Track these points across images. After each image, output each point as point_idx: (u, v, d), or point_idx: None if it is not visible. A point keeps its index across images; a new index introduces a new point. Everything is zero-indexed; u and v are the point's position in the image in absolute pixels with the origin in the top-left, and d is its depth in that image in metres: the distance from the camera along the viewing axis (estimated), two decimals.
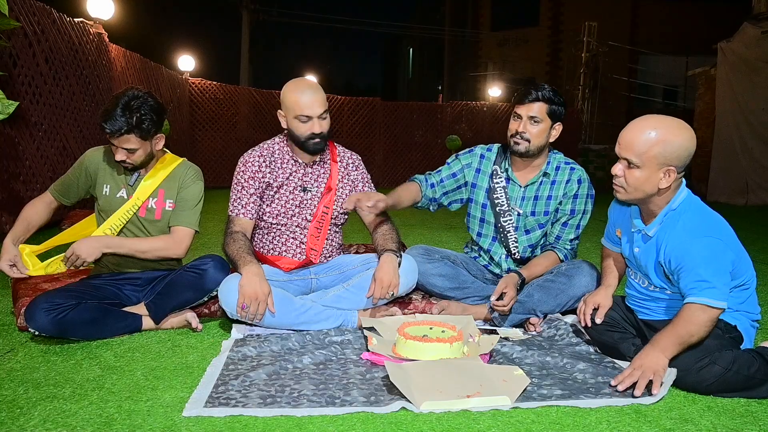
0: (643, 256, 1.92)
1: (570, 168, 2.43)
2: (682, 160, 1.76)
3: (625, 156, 1.79)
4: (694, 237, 1.75)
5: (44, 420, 1.50)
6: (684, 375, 1.73)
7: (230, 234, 2.29)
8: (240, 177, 2.36)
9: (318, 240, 2.39)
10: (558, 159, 2.45)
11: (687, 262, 1.73)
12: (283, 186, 2.36)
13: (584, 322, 2.06)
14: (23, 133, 4.37)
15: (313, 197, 2.39)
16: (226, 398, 1.63)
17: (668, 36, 16.23)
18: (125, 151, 2.14)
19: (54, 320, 2.01)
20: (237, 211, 2.34)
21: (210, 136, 9.99)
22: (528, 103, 2.30)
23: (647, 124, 1.77)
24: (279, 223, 2.37)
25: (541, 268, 2.39)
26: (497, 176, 2.44)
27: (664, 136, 1.74)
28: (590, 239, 4.93)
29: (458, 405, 1.58)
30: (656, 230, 1.85)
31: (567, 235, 2.44)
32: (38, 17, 4.58)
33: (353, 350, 2.05)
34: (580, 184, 2.41)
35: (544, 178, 2.42)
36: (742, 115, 9.00)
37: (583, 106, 13.74)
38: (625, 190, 1.83)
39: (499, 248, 2.52)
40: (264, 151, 2.39)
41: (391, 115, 11.66)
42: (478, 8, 19.00)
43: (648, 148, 1.74)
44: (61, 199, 2.34)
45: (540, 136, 2.31)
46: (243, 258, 2.18)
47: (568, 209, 2.41)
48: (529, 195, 2.42)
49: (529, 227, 2.45)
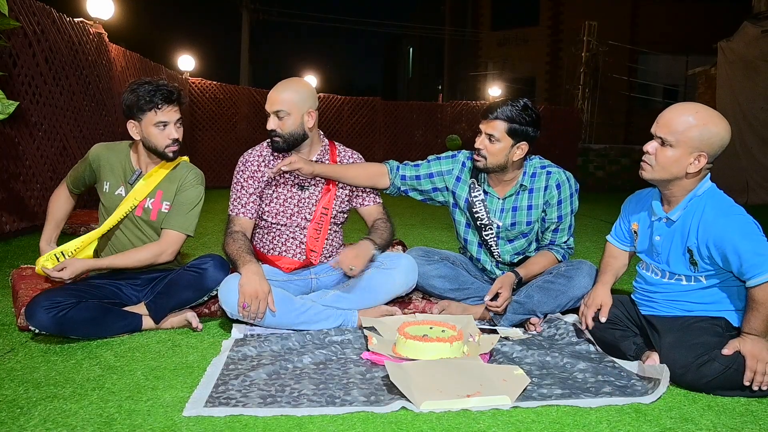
0: (664, 244, 1.92)
1: (546, 173, 2.35)
2: (715, 149, 1.79)
3: (661, 134, 1.81)
4: (728, 215, 1.78)
5: (44, 420, 1.50)
6: (684, 372, 1.73)
7: (230, 234, 2.30)
8: (239, 176, 2.37)
9: (317, 241, 2.39)
10: (533, 165, 2.37)
11: (728, 243, 1.74)
12: (280, 185, 2.36)
13: (586, 325, 2.06)
14: (23, 133, 4.36)
15: (311, 196, 2.38)
16: (226, 398, 1.63)
17: (668, 35, 16.22)
18: (175, 125, 2.20)
19: (54, 318, 2.01)
20: (237, 210, 2.35)
21: (210, 136, 9.98)
22: (488, 120, 2.24)
23: (689, 108, 1.81)
24: (279, 223, 2.37)
25: (539, 267, 2.39)
26: (475, 189, 2.40)
27: (704, 121, 1.77)
28: (590, 239, 4.94)
29: (458, 404, 1.58)
30: (680, 215, 1.87)
31: (560, 239, 2.43)
32: (38, 17, 4.57)
33: (353, 350, 2.05)
34: (560, 188, 2.34)
35: (521, 189, 2.37)
36: (742, 114, 8.99)
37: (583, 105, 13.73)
38: (652, 168, 1.85)
39: (486, 255, 2.51)
40: (264, 150, 2.39)
41: (392, 115, 11.66)
42: (478, 8, 19.00)
43: (686, 128, 1.77)
44: (74, 189, 2.41)
45: (497, 155, 2.24)
46: (242, 257, 2.18)
47: (555, 216, 2.37)
48: (508, 207, 2.38)
49: (511, 237, 2.43)
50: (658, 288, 1.97)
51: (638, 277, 2.07)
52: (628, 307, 2.09)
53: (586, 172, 12.30)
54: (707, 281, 1.86)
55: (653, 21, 16.70)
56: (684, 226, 1.86)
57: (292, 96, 2.24)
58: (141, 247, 2.26)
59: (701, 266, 1.84)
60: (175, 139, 2.22)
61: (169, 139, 2.20)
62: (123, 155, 2.30)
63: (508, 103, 2.24)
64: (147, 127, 2.18)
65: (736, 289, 1.85)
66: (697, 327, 1.84)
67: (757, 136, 8.87)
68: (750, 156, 8.94)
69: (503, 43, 18.54)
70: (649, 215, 1.99)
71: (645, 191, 2.08)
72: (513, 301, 2.31)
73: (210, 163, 9.64)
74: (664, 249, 1.92)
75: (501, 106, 2.23)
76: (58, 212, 2.41)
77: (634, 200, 2.11)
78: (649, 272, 2.01)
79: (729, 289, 1.86)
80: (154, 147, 2.21)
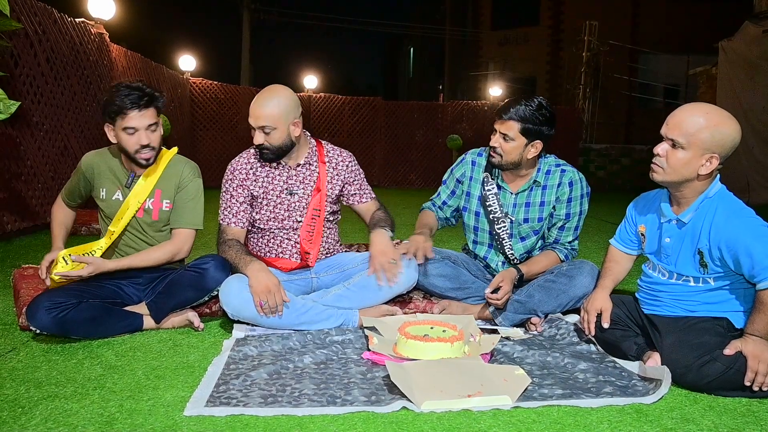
0: (674, 246, 1.91)
1: (561, 170, 2.39)
2: (727, 149, 1.77)
3: (672, 136, 1.80)
4: (741, 217, 1.77)
5: (46, 419, 1.50)
6: (685, 372, 1.73)
7: (223, 242, 2.31)
8: (228, 185, 2.37)
9: (311, 243, 2.39)
10: (548, 163, 2.41)
11: (740, 246, 1.73)
12: (269, 192, 2.35)
13: (588, 331, 2.06)
14: (25, 133, 4.37)
15: (300, 199, 2.37)
16: (227, 397, 1.63)
17: (669, 35, 16.22)
18: (147, 132, 2.14)
19: (55, 319, 2.01)
20: (228, 220, 2.35)
21: (211, 136, 10.00)
22: (502, 120, 2.27)
23: (699, 109, 1.79)
24: (271, 227, 2.37)
25: (541, 266, 2.39)
26: (488, 183, 2.42)
27: (714, 122, 1.75)
28: (591, 239, 4.94)
29: (459, 404, 1.58)
30: (691, 217, 1.86)
31: (565, 238, 2.43)
32: (40, 17, 4.58)
33: (354, 350, 2.05)
34: (572, 186, 2.37)
35: (534, 185, 2.40)
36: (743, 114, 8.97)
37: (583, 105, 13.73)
38: (664, 171, 1.83)
39: (495, 256, 2.51)
40: (251, 158, 2.38)
41: (392, 115, 11.66)
42: (478, 7, 19.00)
43: (697, 130, 1.76)
44: (70, 203, 2.39)
45: (512, 153, 2.28)
46: (243, 259, 2.19)
47: (563, 213, 2.39)
48: (521, 202, 2.40)
49: (523, 234, 2.44)
50: (664, 288, 1.97)
51: (644, 276, 2.07)
52: (630, 306, 2.09)
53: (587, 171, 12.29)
54: (715, 283, 1.86)
55: (654, 20, 16.70)
56: (695, 227, 1.85)
57: (276, 110, 2.21)
58: (156, 247, 2.28)
59: (711, 268, 1.83)
60: (146, 144, 2.16)
61: (139, 144, 2.15)
62: (114, 160, 2.30)
63: (521, 102, 2.26)
64: (118, 132, 2.15)
65: (742, 291, 1.85)
66: (698, 327, 1.84)
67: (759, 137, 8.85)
68: (751, 156, 8.93)
69: (504, 42, 18.54)
70: (658, 217, 1.97)
71: (652, 193, 2.07)
72: (514, 300, 2.31)
73: (211, 162, 9.63)
74: (673, 251, 1.92)
75: (515, 106, 2.25)
76: (67, 219, 2.41)
77: (642, 202, 2.09)
78: (655, 272, 2.00)
79: (736, 291, 1.85)
80: (126, 152, 2.19)
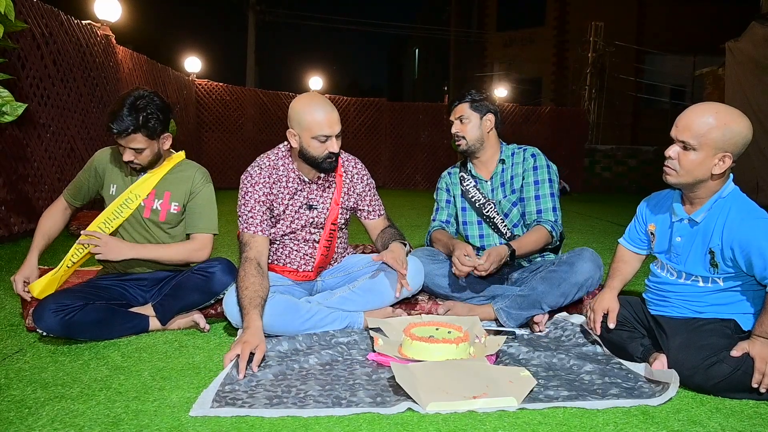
0: (685, 245, 1.90)
1: (522, 149, 2.60)
2: (739, 148, 1.77)
3: (682, 138, 1.79)
4: (755, 218, 1.76)
5: (52, 420, 1.51)
6: (692, 374, 1.72)
7: (245, 261, 2.13)
8: (248, 198, 2.25)
9: (326, 258, 2.39)
10: (510, 147, 2.62)
11: (754, 246, 1.72)
12: (289, 207, 2.31)
13: (595, 330, 2.05)
14: (31, 135, 4.39)
15: (319, 214, 2.34)
16: (232, 398, 1.63)
17: (675, 35, 16.16)
18: (132, 151, 2.15)
19: (62, 321, 2.02)
20: (253, 228, 2.22)
21: (216, 137, 10.03)
22: (452, 109, 2.59)
23: (708, 108, 1.78)
24: (284, 240, 2.36)
25: (531, 240, 2.39)
26: (465, 180, 2.63)
27: (724, 121, 1.74)
28: (597, 240, 4.92)
29: (464, 406, 1.58)
30: (704, 216, 1.85)
31: (545, 206, 2.47)
32: (46, 19, 4.61)
33: (359, 351, 2.05)
34: (535, 157, 2.55)
35: (502, 165, 2.58)
36: (753, 114, 8.93)
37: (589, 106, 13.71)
38: (677, 173, 1.82)
39: (492, 239, 2.56)
40: (271, 171, 2.29)
41: (397, 116, 11.67)
42: (483, 8, 18.98)
43: (707, 131, 1.75)
44: (73, 202, 2.37)
45: (473, 131, 2.54)
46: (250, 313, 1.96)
47: (532, 181, 2.52)
48: (496, 185, 2.59)
49: (506, 210, 2.55)
50: (672, 288, 1.96)
51: (652, 276, 2.06)
52: (636, 308, 2.08)
53: (592, 173, 12.27)
54: (724, 283, 1.85)
55: (660, 21, 16.64)
56: (707, 227, 1.84)
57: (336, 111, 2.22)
58: (177, 243, 2.30)
59: (721, 268, 1.82)
60: (131, 161, 2.17)
61: (126, 159, 2.17)
62: None
63: (460, 92, 2.61)
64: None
65: (751, 293, 1.84)
66: (705, 329, 1.83)
67: None
68: (761, 156, 8.88)
69: (509, 43, 18.51)
70: (670, 216, 1.96)
71: (663, 193, 2.06)
72: (517, 295, 2.32)
73: (216, 164, 9.67)
74: (684, 250, 1.91)
75: (457, 96, 2.61)
76: (52, 229, 2.33)
77: (653, 202, 2.08)
78: (664, 272, 1.99)
79: (744, 293, 1.84)
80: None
